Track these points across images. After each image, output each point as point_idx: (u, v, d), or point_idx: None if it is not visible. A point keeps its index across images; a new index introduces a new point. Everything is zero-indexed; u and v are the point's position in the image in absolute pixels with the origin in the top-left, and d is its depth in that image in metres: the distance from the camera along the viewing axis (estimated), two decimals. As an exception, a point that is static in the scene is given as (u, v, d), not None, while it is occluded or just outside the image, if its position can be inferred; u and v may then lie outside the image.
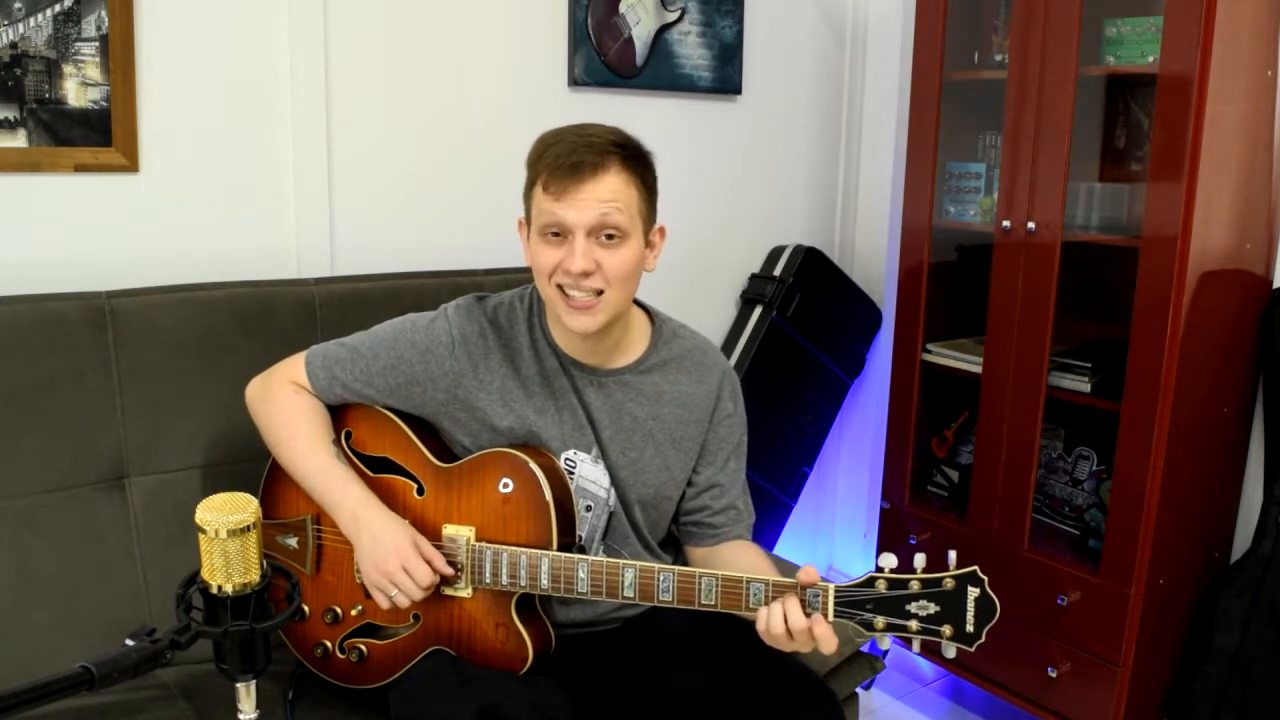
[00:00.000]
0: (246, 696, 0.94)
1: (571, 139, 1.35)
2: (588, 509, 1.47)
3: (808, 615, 1.23)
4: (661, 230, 1.45)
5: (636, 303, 1.51)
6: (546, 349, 1.47)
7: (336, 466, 1.44)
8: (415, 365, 1.45)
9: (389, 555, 1.35)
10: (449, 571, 1.38)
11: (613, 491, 1.48)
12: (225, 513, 0.89)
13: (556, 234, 1.35)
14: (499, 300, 1.51)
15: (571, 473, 1.45)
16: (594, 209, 1.33)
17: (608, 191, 1.34)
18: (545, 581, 1.35)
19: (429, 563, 1.36)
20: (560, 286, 1.36)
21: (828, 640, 1.23)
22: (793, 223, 2.74)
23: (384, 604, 1.38)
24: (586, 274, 1.34)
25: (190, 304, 1.66)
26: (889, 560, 1.23)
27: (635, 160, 1.38)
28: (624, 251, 1.36)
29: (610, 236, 1.35)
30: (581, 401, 1.47)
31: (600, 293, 1.36)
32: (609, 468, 1.48)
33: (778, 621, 1.23)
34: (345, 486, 1.42)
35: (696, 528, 1.54)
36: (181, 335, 1.64)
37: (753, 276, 2.66)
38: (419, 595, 1.36)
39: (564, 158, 1.33)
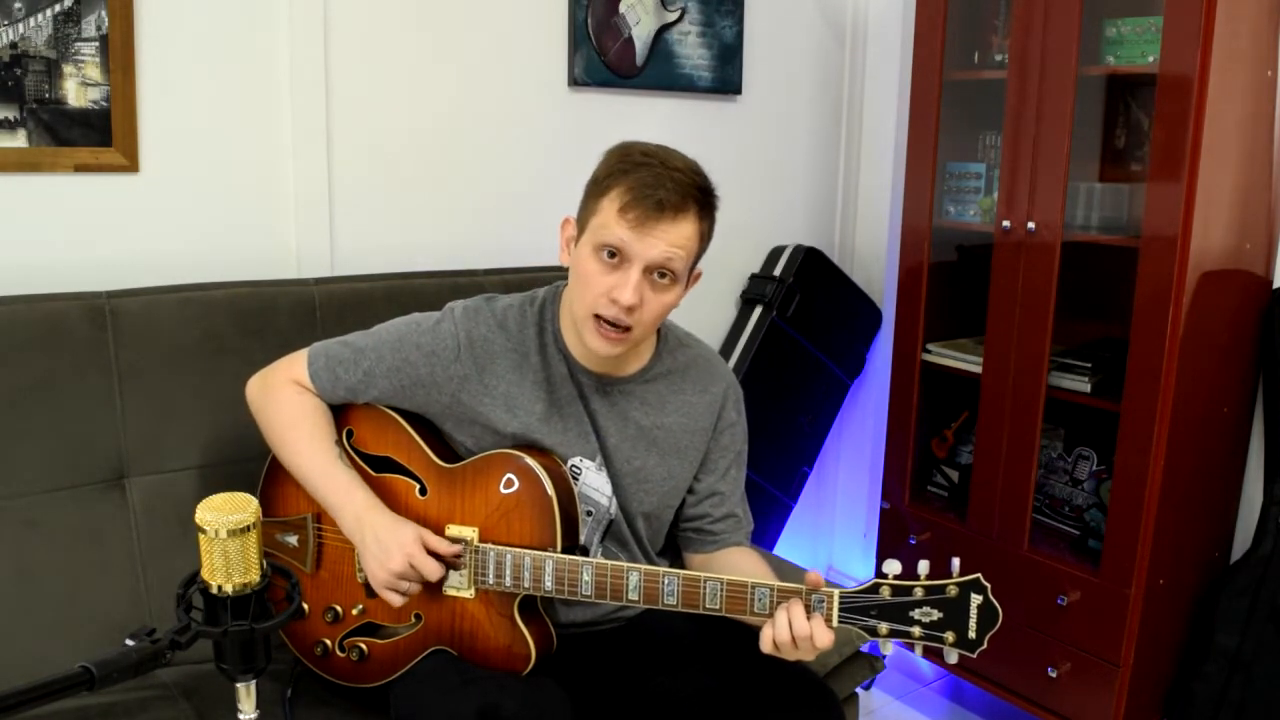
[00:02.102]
0: (246, 696, 0.94)
1: (659, 168, 1.32)
2: (588, 514, 1.47)
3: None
4: (698, 274, 1.44)
5: None
6: (556, 354, 1.47)
7: (339, 469, 1.43)
8: (420, 368, 1.44)
9: (393, 555, 1.35)
10: (456, 549, 1.38)
11: (614, 500, 1.48)
12: (225, 513, 0.89)
13: (613, 255, 1.34)
14: (508, 303, 1.50)
15: (576, 479, 1.45)
16: (661, 250, 1.32)
17: (679, 236, 1.33)
18: (549, 583, 1.35)
19: (435, 553, 1.36)
20: (598, 315, 1.35)
21: (823, 635, 1.23)
22: (793, 223, 2.75)
23: (396, 603, 1.38)
24: (631, 309, 1.33)
25: (190, 304, 1.66)
26: (893, 566, 1.23)
27: (708, 210, 1.37)
28: (668, 296, 1.36)
29: (662, 276, 1.35)
30: (587, 409, 1.47)
31: (629, 330, 1.35)
32: (612, 476, 1.48)
33: (784, 629, 1.23)
34: (348, 490, 1.42)
35: (696, 534, 1.54)
36: (181, 335, 1.64)
37: (753, 276, 2.66)
38: (426, 581, 1.36)
39: (651, 189, 1.31)
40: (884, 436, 2.43)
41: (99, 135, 1.70)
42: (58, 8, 1.63)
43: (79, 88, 1.67)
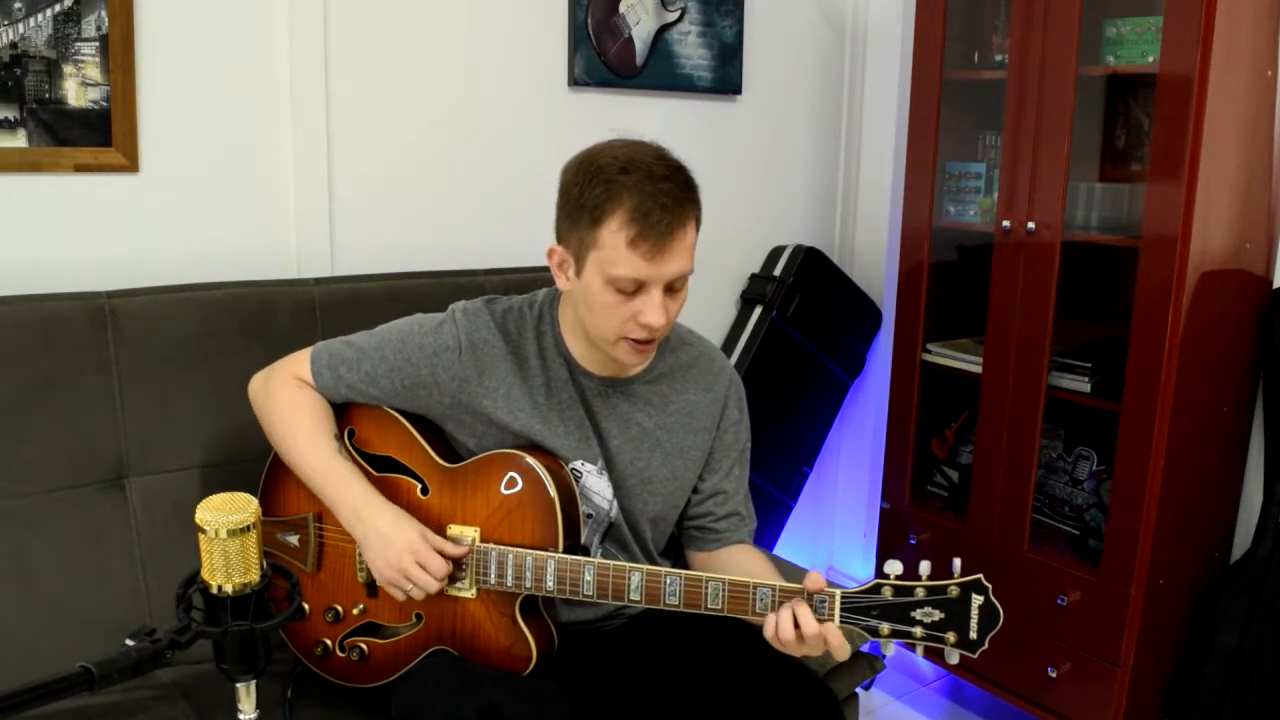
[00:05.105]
0: (246, 696, 0.94)
1: (645, 183, 1.28)
2: (588, 517, 1.47)
3: (820, 622, 1.23)
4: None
5: None
6: (556, 358, 1.47)
7: (336, 463, 1.43)
8: (421, 368, 1.45)
9: (401, 553, 1.35)
10: (462, 551, 1.38)
11: (615, 503, 1.48)
12: (225, 513, 0.89)
13: (629, 284, 1.32)
14: (508, 305, 1.50)
15: (576, 482, 1.45)
16: (677, 264, 1.31)
17: (685, 245, 1.33)
18: (551, 583, 1.35)
19: (441, 552, 1.36)
20: (626, 338, 1.35)
21: (842, 648, 1.23)
22: (793, 223, 2.75)
23: (400, 598, 1.38)
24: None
25: (191, 304, 1.66)
26: (895, 567, 1.23)
27: (698, 203, 1.35)
28: (683, 294, 1.37)
29: (676, 282, 1.34)
30: (589, 412, 1.47)
31: (656, 338, 1.36)
32: (616, 478, 1.48)
33: (787, 626, 1.23)
34: (347, 484, 1.41)
35: (699, 532, 1.54)
36: (182, 335, 1.64)
37: (753, 276, 2.66)
38: (435, 587, 1.36)
39: (652, 213, 1.27)
40: (884, 436, 2.43)
41: (99, 135, 1.70)
42: (58, 8, 1.63)
43: (79, 88, 1.67)
